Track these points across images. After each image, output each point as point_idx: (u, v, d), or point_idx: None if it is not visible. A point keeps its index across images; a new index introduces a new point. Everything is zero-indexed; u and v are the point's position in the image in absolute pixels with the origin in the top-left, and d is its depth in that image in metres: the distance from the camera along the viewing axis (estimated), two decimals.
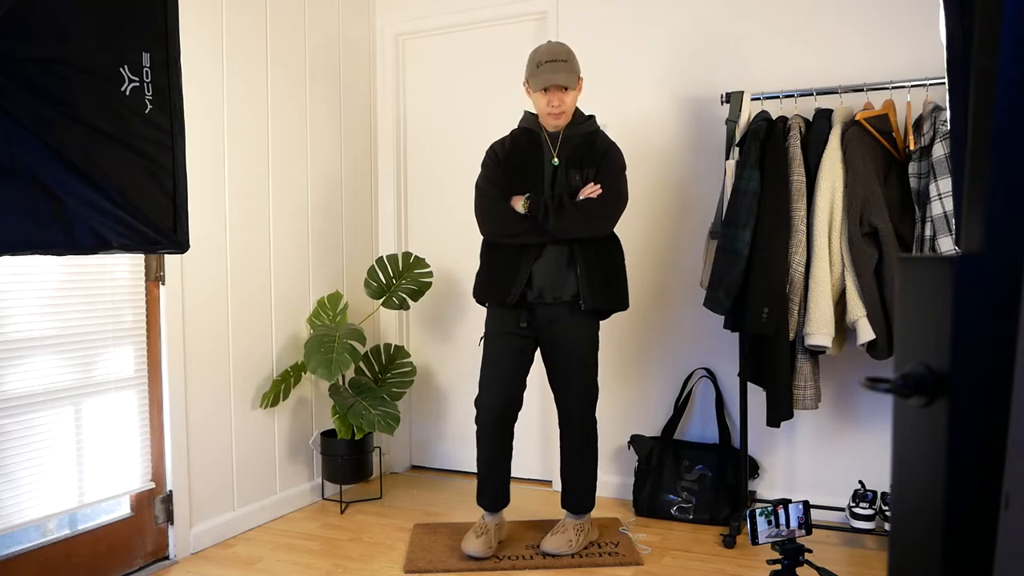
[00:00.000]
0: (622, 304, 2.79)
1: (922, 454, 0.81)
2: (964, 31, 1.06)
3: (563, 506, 2.88)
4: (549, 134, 2.78)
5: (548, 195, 2.70)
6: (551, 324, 2.77)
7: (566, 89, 2.67)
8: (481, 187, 2.80)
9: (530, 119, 2.84)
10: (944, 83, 2.42)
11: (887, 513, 2.19)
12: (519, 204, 2.70)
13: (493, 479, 2.84)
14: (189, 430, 2.86)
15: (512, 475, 2.91)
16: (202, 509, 2.91)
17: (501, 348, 2.79)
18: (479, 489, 2.87)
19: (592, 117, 2.83)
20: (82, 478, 2.51)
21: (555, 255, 2.73)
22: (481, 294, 2.84)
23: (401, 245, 3.92)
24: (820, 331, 2.64)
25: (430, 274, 3.50)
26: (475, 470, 2.89)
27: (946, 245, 2.51)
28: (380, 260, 3.49)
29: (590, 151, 2.75)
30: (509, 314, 2.77)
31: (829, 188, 2.65)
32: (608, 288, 2.74)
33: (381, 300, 3.47)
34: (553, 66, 2.66)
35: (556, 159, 2.75)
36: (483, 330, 2.86)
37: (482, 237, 2.84)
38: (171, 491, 2.80)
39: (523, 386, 2.82)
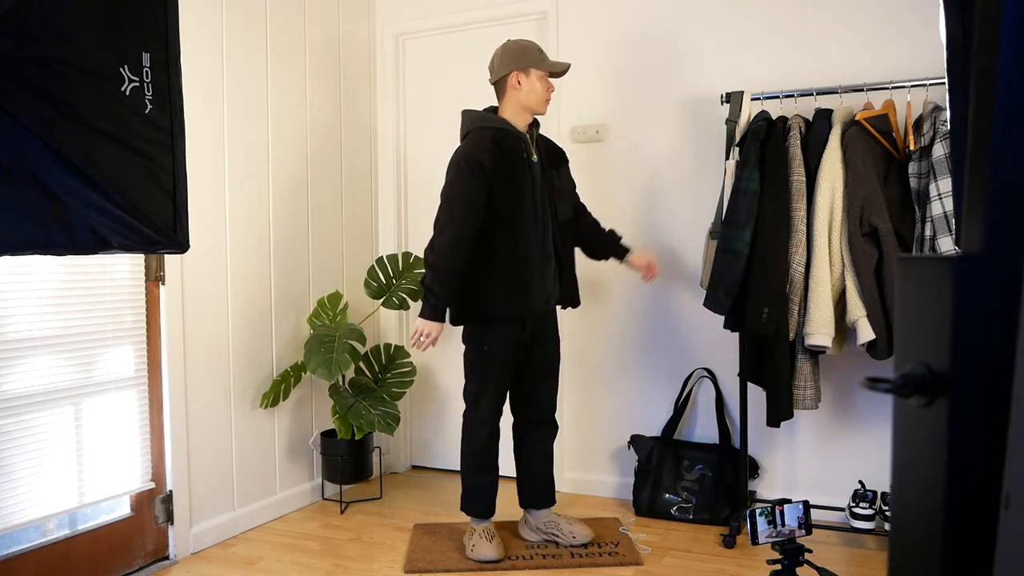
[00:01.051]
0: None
1: (922, 454, 0.81)
2: (964, 31, 1.06)
3: (543, 503, 2.88)
4: (524, 133, 2.76)
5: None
6: (543, 327, 2.83)
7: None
8: (457, 210, 2.62)
9: (491, 118, 2.74)
10: (944, 83, 2.42)
11: (887, 513, 2.19)
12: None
13: (492, 486, 2.83)
14: (189, 430, 2.86)
15: (506, 475, 2.93)
16: (202, 509, 2.91)
17: (506, 361, 2.76)
18: (478, 498, 2.82)
19: None
20: (82, 478, 2.51)
21: (552, 262, 2.79)
22: (505, 308, 2.68)
23: (401, 245, 3.92)
24: (820, 331, 2.64)
25: None
26: None
27: (946, 245, 2.51)
28: (380, 260, 3.49)
29: (553, 149, 2.90)
30: (514, 326, 2.73)
31: (829, 188, 2.65)
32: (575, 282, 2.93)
33: (381, 300, 3.47)
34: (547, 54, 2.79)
35: (535, 157, 2.76)
36: (473, 344, 2.77)
37: (478, 250, 2.70)
38: (171, 491, 2.80)
39: None
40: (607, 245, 2.96)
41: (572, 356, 3.52)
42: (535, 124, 2.83)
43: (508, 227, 2.66)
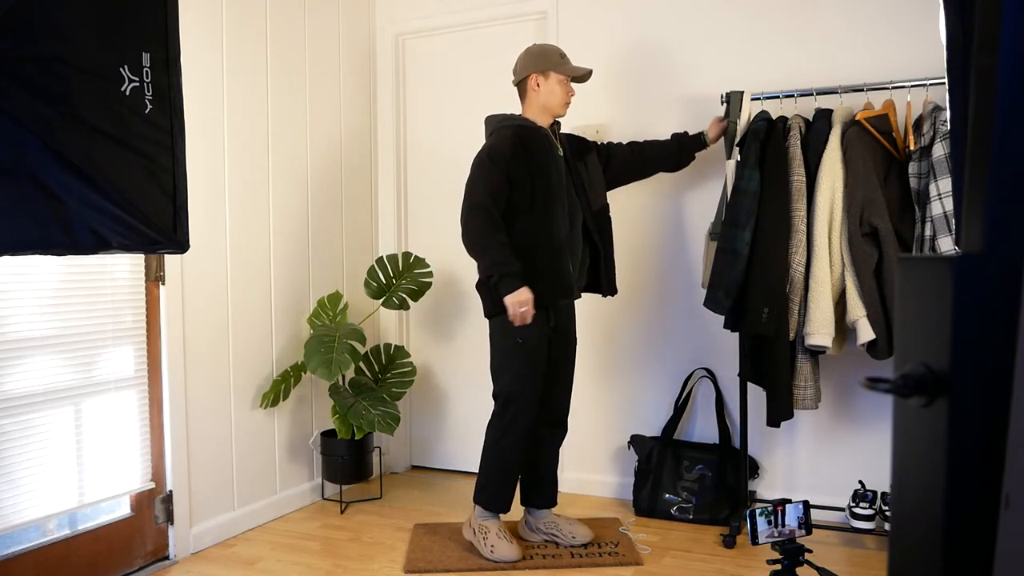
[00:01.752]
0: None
1: (922, 454, 0.81)
2: (964, 31, 1.06)
3: (545, 504, 2.90)
4: (547, 129, 2.81)
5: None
6: (567, 320, 2.85)
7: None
8: (480, 203, 2.65)
9: (513, 117, 2.79)
10: (944, 83, 2.42)
11: (887, 513, 2.19)
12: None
13: (516, 483, 2.83)
14: (189, 430, 2.86)
15: None
16: (202, 509, 2.91)
17: (539, 354, 2.74)
18: (502, 493, 2.78)
19: None
20: (82, 478, 2.51)
21: (583, 248, 2.83)
22: (540, 295, 2.67)
23: (401, 245, 3.92)
24: (820, 331, 2.64)
25: (430, 274, 3.50)
26: (475, 470, 2.88)
27: (946, 245, 2.51)
28: (380, 260, 3.49)
29: (576, 142, 2.94)
30: (543, 315, 2.73)
31: (829, 188, 2.65)
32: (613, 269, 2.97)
33: (381, 300, 3.47)
34: (570, 59, 2.82)
35: (560, 150, 2.81)
36: (508, 337, 2.72)
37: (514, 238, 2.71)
38: (171, 491, 2.80)
39: None
40: (682, 149, 2.98)
41: None
42: (556, 123, 2.88)
43: (538, 217, 2.67)
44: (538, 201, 2.68)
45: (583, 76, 2.81)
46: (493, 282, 2.62)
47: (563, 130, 3.50)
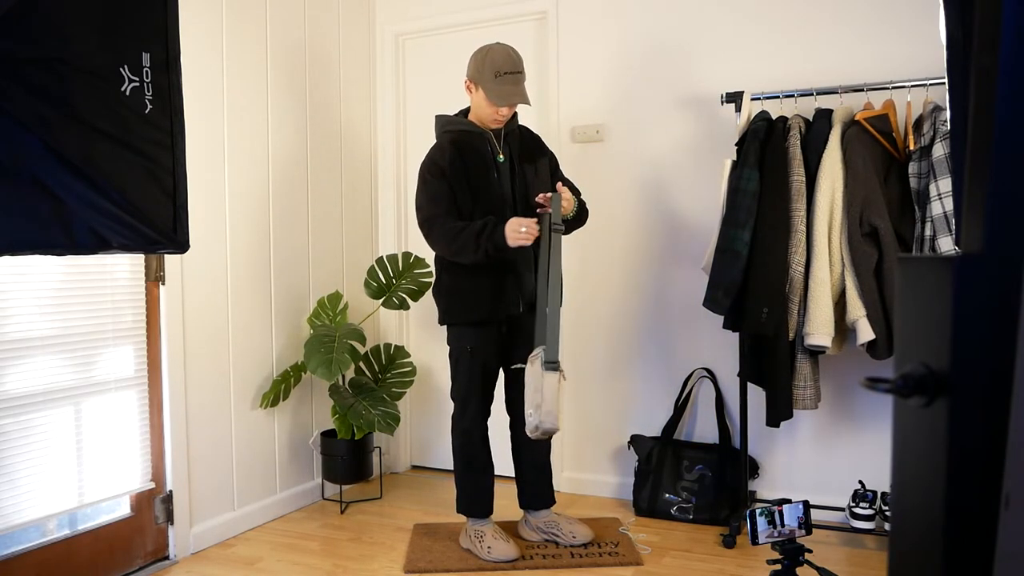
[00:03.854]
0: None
1: (922, 454, 0.81)
2: (964, 31, 1.06)
3: (542, 503, 2.90)
4: (492, 131, 2.75)
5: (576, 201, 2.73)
6: (523, 325, 2.80)
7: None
8: (430, 215, 2.66)
9: (455, 121, 2.75)
10: (944, 83, 2.42)
11: (887, 513, 2.19)
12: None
13: (491, 486, 2.85)
14: (189, 430, 2.86)
15: (503, 474, 2.94)
16: (202, 509, 2.91)
17: (489, 360, 2.78)
18: (478, 498, 2.83)
19: None
20: (82, 478, 2.51)
21: (530, 261, 2.76)
22: (480, 311, 2.71)
23: (401, 245, 3.92)
24: (820, 331, 2.64)
25: (430, 274, 3.50)
26: None
27: (946, 245, 2.51)
28: (380, 260, 3.49)
29: (532, 144, 2.83)
30: (492, 327, 2.76)
31: (829, 188, 2.65)
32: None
33: (381, 300, 3.47)
34: (515, 78, 2.64)
35: (501, 155, 2.75)
36: (458, 344, 2.77)
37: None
38: (171, 491, 2.80)
39: None
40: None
41: (571, 356, 3.51)
42: (513, 117, 2.79)
43: None
44: (475, 211, 2.66)
45: (508, 103, 2.63)
46: (491, 253, 2.56)
47: (560, 130, 3.51)
